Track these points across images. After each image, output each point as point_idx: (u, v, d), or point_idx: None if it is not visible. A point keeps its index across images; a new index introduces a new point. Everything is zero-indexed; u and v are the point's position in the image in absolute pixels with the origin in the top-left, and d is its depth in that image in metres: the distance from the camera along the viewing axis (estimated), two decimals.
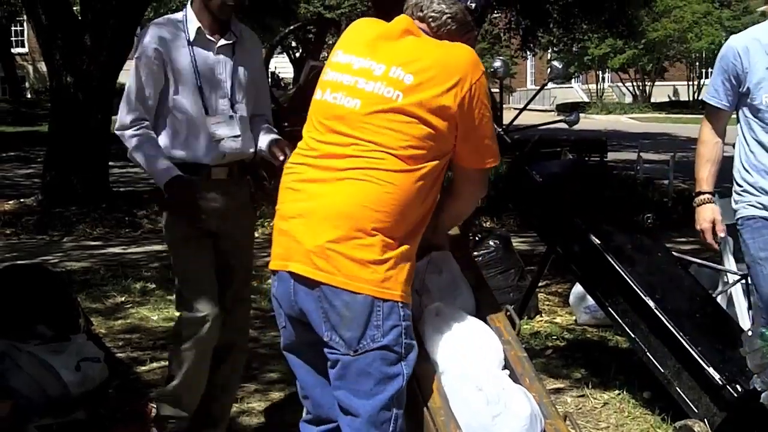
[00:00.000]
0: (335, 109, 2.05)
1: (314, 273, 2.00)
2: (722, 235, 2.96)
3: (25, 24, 35.28)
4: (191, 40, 2.83)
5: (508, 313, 2.33)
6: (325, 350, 2.03)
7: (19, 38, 38.64)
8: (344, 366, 2.00)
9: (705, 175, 2.95)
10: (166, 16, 2.95)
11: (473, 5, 2.13)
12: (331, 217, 1.98)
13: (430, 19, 2.11)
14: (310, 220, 2.01)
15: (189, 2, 2.90)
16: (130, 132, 2.84)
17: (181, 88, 2.82)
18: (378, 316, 1.98)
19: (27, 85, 38.11)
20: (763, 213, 2.78)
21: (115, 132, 2.90)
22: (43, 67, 19.48)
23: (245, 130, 2.90)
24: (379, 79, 2.02)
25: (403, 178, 1.98)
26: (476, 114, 2.04)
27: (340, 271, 1.97)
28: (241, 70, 2.90)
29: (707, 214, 2.93)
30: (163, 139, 2.86)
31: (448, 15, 2.11)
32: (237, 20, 2.96)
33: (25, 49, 38.50)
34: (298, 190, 2.06)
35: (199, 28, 2.83)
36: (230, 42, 2.88)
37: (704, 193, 2.95)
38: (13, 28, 35.06)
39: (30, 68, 38.74)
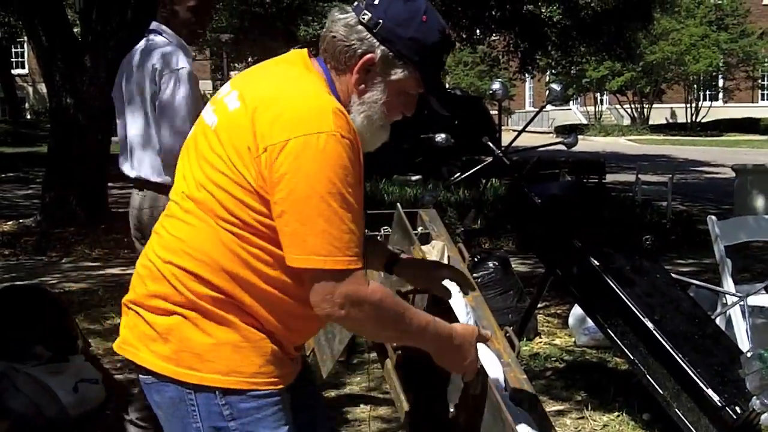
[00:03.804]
0: None
1: (118, 347, 1.67)
2: None
3: (25, 45, 35.45)
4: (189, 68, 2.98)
5: (508, 335, 2.32)
6: None
7: (20, 59, 38.80)
8: None
9: None
10: (165, 42, 3.00)
11: (367, 17, 1.60)
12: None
13: (322, 43, 1.67)
14: None
15: (158, 30, 3.02)
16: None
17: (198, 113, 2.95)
18: (194, 415, 1.59)
19: (27, 106, 38.21)
20: None
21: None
22: (43, 88, 19.56)
23: None
24: (215, 103, 1.69)
25: (197, 228, 1.60)
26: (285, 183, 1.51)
27: (146, 345, 1.61)
28: None
29: None
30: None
31: (333, 34, 1.63)
32: None
33: (25, 70, 38.66)
34: None
35: (194, 55, 2.97)
36: None
37: None
38: (13, 50, 35.23)
39: (30, 89, 38.87)
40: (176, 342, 1.58)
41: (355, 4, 1.64)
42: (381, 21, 1.59)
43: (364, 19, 1.59)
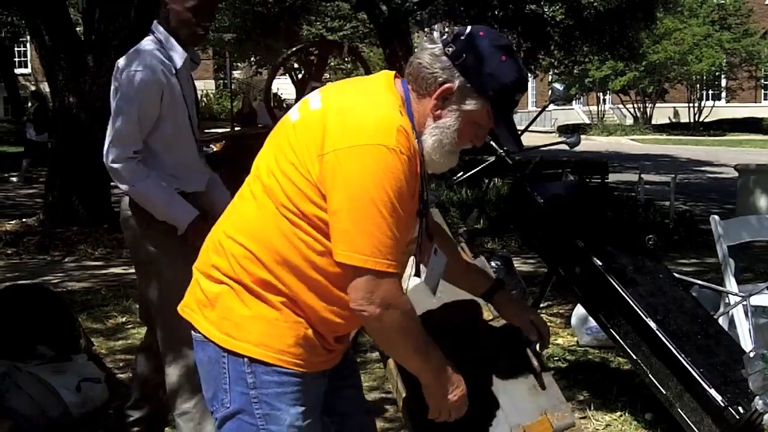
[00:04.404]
0: None
1: (181, 309, 1.87)
2: None
3: (28, 45, 35.47)
4: (177, 68, 2.86)
5: None
6: None
7: (22, 59, 38.81)
8: None
9: None
10: (148, 43, 2.90)
11: (451, 49, 1.74)
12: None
13: (407, 68, 1.82)
14: None
15: (153, 30, 2.91)
16: (131, 165, 2.79)
17: (176, 119, 2.85)
18: (224, 377, 1.76)
19: (29, 105, 38.23)
20: None
21: (110, 164, 2.83)
22: (46, 87, 19.54)
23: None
24: (301, 102, 1.85)
25: (263, 213, 1.75)
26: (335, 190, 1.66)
27: (199, 308, 1.80)
28: (196, 95, 3.05)
29: None
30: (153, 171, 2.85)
31: (420, 61, 1.78)
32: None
33: (28, 70, 38.66)
34: None
35: (187, 57, 2.88)
36: (193, 70, 3.02)
37: None
38: (16, 49, 35.23)
39: (33, 89, 38.89)
40: (220, 309, 1.76)
41: (443, 36, 1.77)
42: (464, 54, 1.73)
43: (449, 50, 1.74)
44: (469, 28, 1.78)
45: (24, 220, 9.41)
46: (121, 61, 2.85)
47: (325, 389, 1.87)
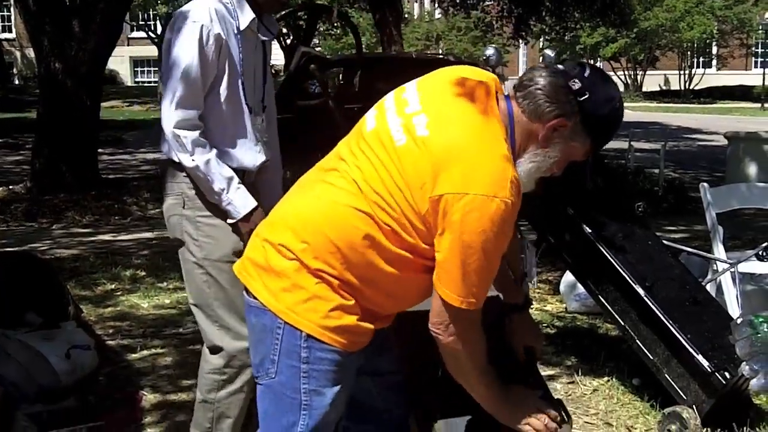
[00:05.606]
0: (362, 124, 1.88)
1: (238, 271, 1.88)
2: None
3: (12, 9, 34.99)
4: (241, 29, 2.52)
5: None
6: None
7: (7, 24, 38.33)
8: None
9: None
10: None
11: (576, 85, 1.75)
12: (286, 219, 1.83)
13: (519, 89, 1.81)
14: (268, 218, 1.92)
15: None
16: (194, 136, 2.44)
17: (229, 83, 2.51)
18: (275, 347, 1.79)
19: (15, 71, 37.80)
20: None
21: (173, 130, 2.43)
22: (31, 53, 19.28)
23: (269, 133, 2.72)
24: (403, 116, 1.79)
25: (360, 217, 1.75)
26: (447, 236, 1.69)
27: (260, 276, 1.82)
28: (269, 70, 2.69)
29: None
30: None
31: (538, 86, 1.77)
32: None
33: (13, 35, 38.17)
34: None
35: (254, 19, 2.53)
36: (267, 39, 2.65)
37: None
38: (0, 13, 34.78)
39: (18, 54, 38.42)
40: (286, 283, 1.77)
41: (562, 68, 1.80)
42: (587, 94, 1.75)
43: (573, 86, 1.75)
44: (588, 67, 1.80)
45: (11, 187, 9.35)
46: (178, 11, 2.53)
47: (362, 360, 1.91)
